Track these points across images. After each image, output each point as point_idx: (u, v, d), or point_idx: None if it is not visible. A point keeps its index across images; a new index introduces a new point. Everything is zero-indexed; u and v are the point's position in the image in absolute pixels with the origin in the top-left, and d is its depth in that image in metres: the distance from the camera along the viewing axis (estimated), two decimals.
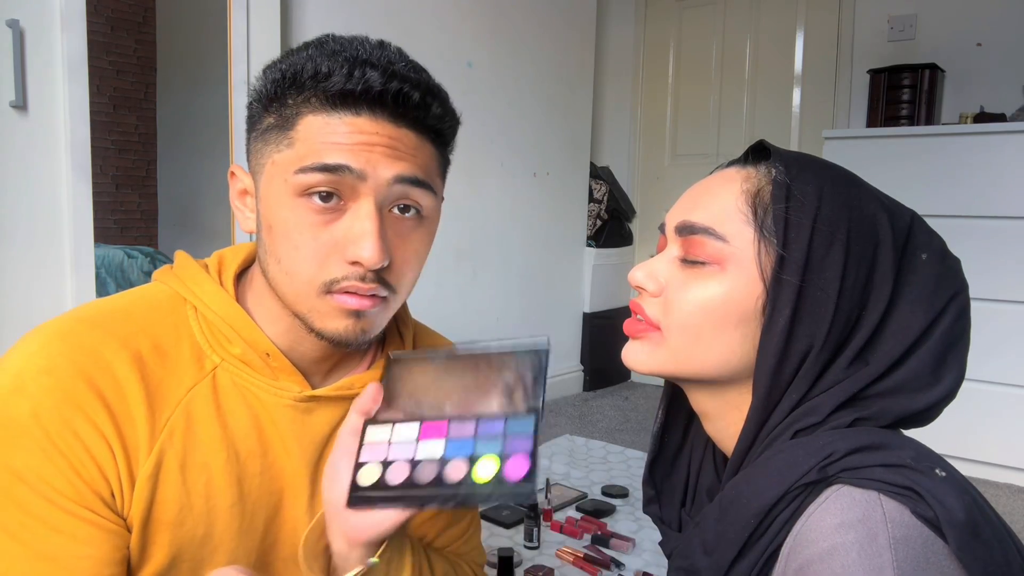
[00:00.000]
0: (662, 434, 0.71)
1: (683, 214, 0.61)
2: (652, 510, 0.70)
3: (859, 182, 0.61)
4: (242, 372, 0.65)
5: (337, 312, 0.61)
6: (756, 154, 0.63)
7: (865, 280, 0.56)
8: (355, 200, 0.60)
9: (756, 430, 0.58)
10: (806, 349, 0.56)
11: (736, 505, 0.55)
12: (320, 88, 0.59)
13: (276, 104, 0.61)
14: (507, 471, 0.53)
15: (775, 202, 0.57)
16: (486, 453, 0.54)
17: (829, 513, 0.49)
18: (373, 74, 0.58)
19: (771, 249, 0.57)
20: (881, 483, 0.49)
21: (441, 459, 0.56)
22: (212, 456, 0.63)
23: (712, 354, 0.59)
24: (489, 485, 0.53)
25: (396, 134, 0.60)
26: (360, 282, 0.60)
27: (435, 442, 0.57)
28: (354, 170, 0.58)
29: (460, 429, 0.57)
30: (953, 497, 0.48)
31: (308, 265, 0.60)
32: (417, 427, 0.58)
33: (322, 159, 0.58)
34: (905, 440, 0.55)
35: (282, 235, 0.61)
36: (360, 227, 0.59)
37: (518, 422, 0.56)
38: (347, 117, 0.59)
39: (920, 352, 0.56)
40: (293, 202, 0.60)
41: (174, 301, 0.66)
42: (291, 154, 0.59)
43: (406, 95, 0.59)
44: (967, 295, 0.60)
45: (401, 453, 0.57)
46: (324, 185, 0.59)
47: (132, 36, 4.65)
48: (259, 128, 0.63)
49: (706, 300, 0.58)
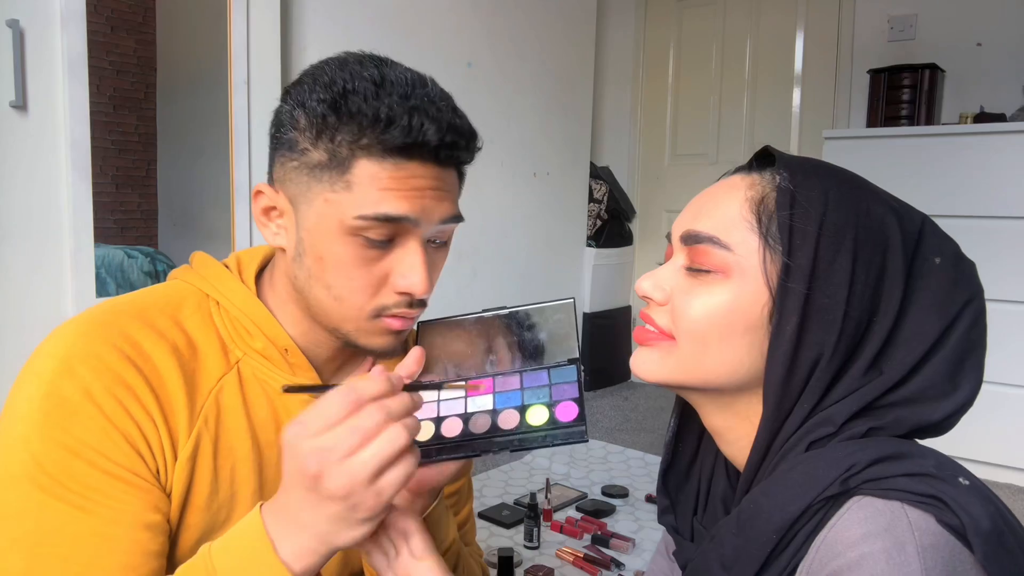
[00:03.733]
0: (675, 443, 0.70)
1: (688, 223, 0.61)
2: (667, 520, 0.69)
3: (868, 186, 0.60)
4: (262, 366, 0.70)
5: (383, 332, 0.68)
6: (761, 161, 0.63)
7: (875, 286, 0.55)
8: (404, 237, 0.65)
9: (769, 441, 0.57)
10: (816, 357, 0.55)
11: (756, 520, 0.54)
12: (379, 139, 0.62)
13: (326, 140, 0.63)
14: (558, 414, 0.56)
15: (779, 209, 0.56)
16: (535, 402, 0.58)
17: (854, 523, 0.49)
18: (431, 129, 0.62)
19: (776, 257, 0.56)
20: (905, 492, 0.48)
21: (492, 411, 0.59)
22: (238, 444, 0.68)
23: (720, 362, 0.58)
24: (543, 428, 0.56)
25: (441, 175, 0.65)
26: (408, 308, 0.67)
27: (483, 397, 0.60)
28: (412, 219, 0.64)
29: (505, 383, 0.61)
30: (978, 506, 0.48)
31: (361, 295, 0.66)
32: (461, 388, 0.62)
33: (383, 210, 0.62)
34: (925, 449, 0.54)
35: (334, 267, 0.65)
36: (410, 263, 0.65)
37: (561, 372, 0.59)
38: (402, 163, 0.63)
39: (936, 359, 0.55)
40: (347, 239, 0.64)
41: (197, 298, 0.70)
42: (349, 197, 0.63)
43: (457, 146, 0.65)
44: (983, 299, 0.58)
45: (452, 409, 0.61)
46: (382, 232, 0.63)
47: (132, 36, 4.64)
48: (304, 160, 0.64)
49: (711, 308, 0.57)
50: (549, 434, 0.56)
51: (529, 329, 0.64)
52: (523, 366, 0.61)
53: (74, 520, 0.59)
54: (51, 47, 1.65)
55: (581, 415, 0.56)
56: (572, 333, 0.61)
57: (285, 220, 0.68)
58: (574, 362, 0.60)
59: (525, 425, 0.57)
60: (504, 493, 2.20)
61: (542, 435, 0.56)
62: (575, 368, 0.59)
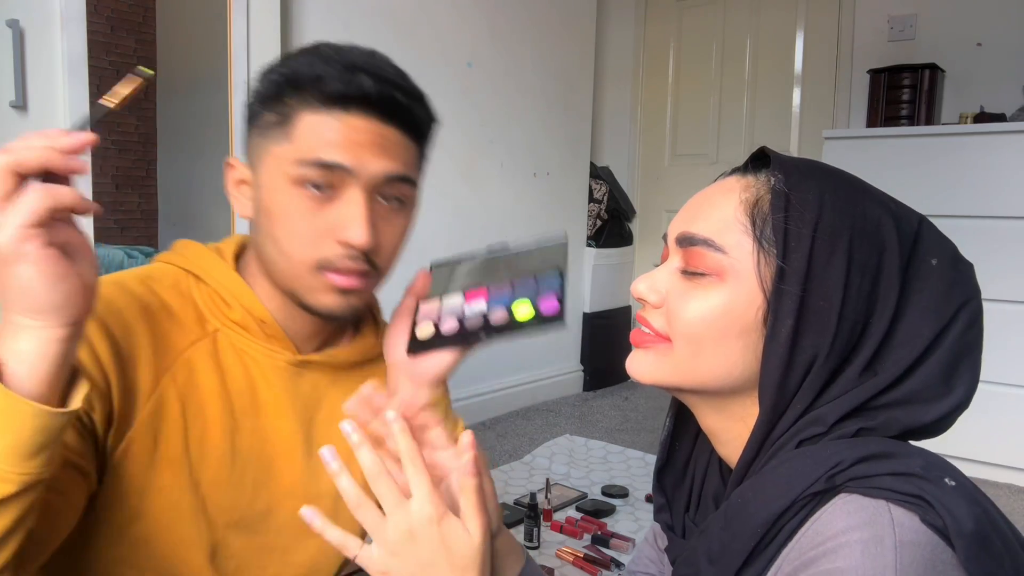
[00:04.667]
0: (671, 442, 0.70)
1: (683, 225, 0.61)
2: (663, 518, 0.70)
3: (864, 187, 0.59)
4: (240, 336, 0.72)
5: (327, 288, 0.69)
6: (757, 162, 0.62)
7: (870, 288, 0.55)
8: (346, 189, 0.67)
9: (761, 440, 0.57)
10: (811, 359, 0.55)
11: (742, 515, 0.54)
12: (317, 89, 0.65)
13: (275, 103, 0.68)
14: (541, 307, 0.63)
15: (774, 212, 0.56)
16: (522, 298, 0.65)
17: (836, 517, 0.49)
18: (366, 80, 0.66)
19: (771, 260, 0.56)
20: (890, 492, 0.48)
21: (485, 311, 0.66)
22: (209, 405, 0.70)
23: (714, 365, 0.58)
24: (528, 321, 0.63)
25: (383, 132, 0.67)
26: (350, 262, 0.68)
27: (478, 301, 0.68)
28: (347, 167, 0.66)
29: (499, 291, 0.68)
30: (963, 507, 0.47)
31: (303, 246, 0.67)
32: (462, 294, 0.69)
33: (319, 155, 0.65)
34: (914, 449, 0.54)
35: (279, 218, 0.67)
36: (350, 213, 0.66)
37: (546, 277, 0.66)
38: (340, 115, 0.66)
39: (930, 361, 0.55)
40: (290, 190, 0.67)
41: (178, 275, 0.73)
42: (290, 148, 0.66)
43: (394, 98, 0.67)
44: (980, 302, 0.58)
45: (450, 312, 0.68)
46: (319, 178, 0.66)
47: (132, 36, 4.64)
48: (259, 125, 0.69)
49: (706, 311, 0.57)
50: (530, 323, 0.63)
51: (526, 260, 0.71)
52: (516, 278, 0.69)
53: None
54: (51, 47, 1.65)
55: (562, 307, 0.63)
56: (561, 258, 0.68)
57: (251, 189, 0.72)
58: (558, 269, 0.66)
59: (512, 321, 0.64)
60: (504, 493, 2.20)
61: (528, 327, 0.63)
62: (558, 273, 0.65)
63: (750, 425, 0.59)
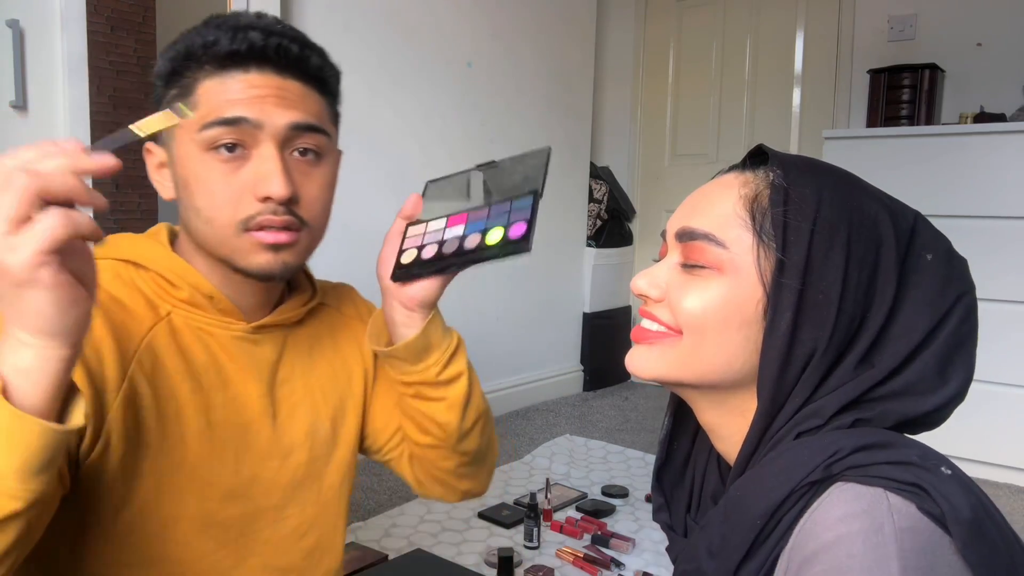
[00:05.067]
0: (670, 441, 0.71)
1: (683, 220, 0.61)
2: (662, 518, 0.70)
3: (861, 184, 0.60)
4: (193, 313, 0.73)
5: (257, 247, 0.70)
6: (755, 159, 0.63)
7: (868, 282, 0.56)
8: (257, 147, 0.68)
9: (761, 434, 0.58)
10: (809, 353, 0.56)
11: (741, 507, 0.55)
12: (210, 54, 0.67)
13: (175, 78, 0.70)
14: (510, 233, 0.66)
15: (773, 206, 0.57)
16: (495, 225, 0.67)
17: (833, 506, 0.49)
18: (254, 34, 0.67)
19: (770, 254, 0.57)
20: (887, 480, 0.49)
21: (461, 236, 0.69)
22: (179, 386, 0.71)
23: (716, 356, 0.58)
24: (497, 245, 0.66)
25: (283, 84, 0.69)
26: (273, 216, 0.69)
27: (457, 227, 0.71)
28: (251, 120, 0.67)
29: (477, 215, 0.70)
30: (960, 495, 0.48)
31: (224, 209, 0.68)
32: (444, 220, 0.73)
33: (221, 114, 0.67)
34: (909, 440, 0.55)
35: (197, 186, 0.69)
36: (265, 167, 0.68)
37: (520, 201, 0.68)
38: (237, 75, 0.67)
39: (926, 354, 0.56)
40: (202, 156, 0.68)
41: (116, 267, 0.72)
42: (196, 116, 0.68)
43: (286, 48, 0.69)
44: (974, 296, 0.59)
45: (432, 238, 0.72)
46: (227, 137, 0.67)
47: (132, 36, 4.64)
48: (164, 102, 0.71)
49: (707, 302, 0.58)
50: (500, 249, 0.66)
51: (509, 174, 0.73)
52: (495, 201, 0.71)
53: None
54: (51, 47, 1.65)
55: (528, 232, 0.65)
56: (540, 173, 0.69)
57: (168, 171, 0.73)
58: (533, 193, 0.67)
59: (483, 244, 0.67)
60: (504, 493, 2.20)
61: (496, 250, 0.66)
62: (532, 197, 0.67)
63: (749, 419, 0.59)
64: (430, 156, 2.67)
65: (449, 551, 1.80)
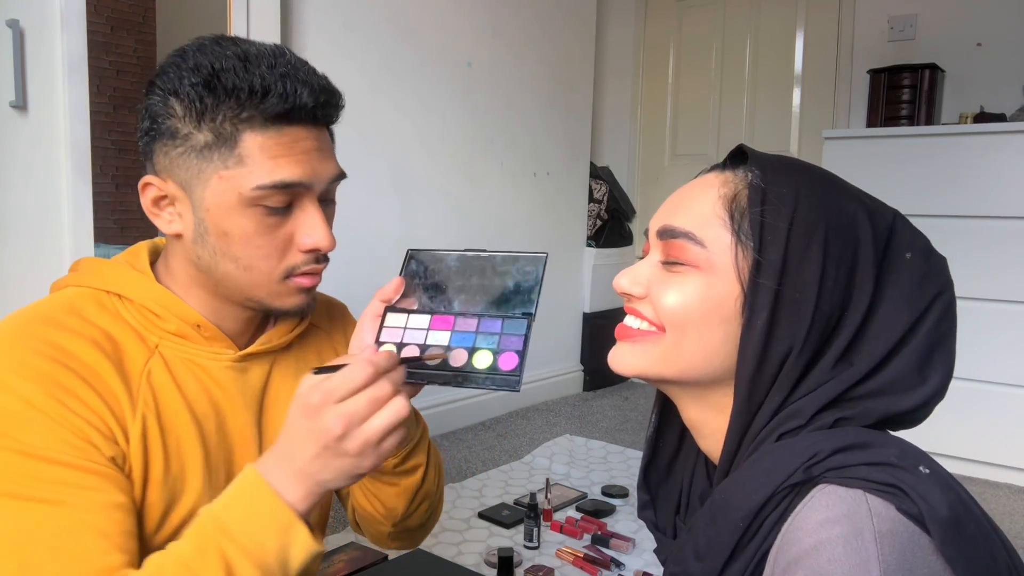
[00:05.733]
0: (656, 439, 0.71)
1: (664, 219, 0.62)
2: (647, 516, 0.70)
3: (839, 183, 0.61)
4: (181, 345, 0.73)
5: (295, 292, 0.73)
6: (736, 159, 0.64)
7: (846, 281, 0.56)
8: (300, 200, 0.70)
9: (741, 434, 0.58)
10: (786, 351, 0.56)
11: (725, 510, 0.55)
12: (260, 109, 0.66)
13: (208, 120, 0.67)
14: (500, 362, 0.63)
15: (751, 206, 0.58)
16: (484, 347, 0.64)
17: (815, 511, 0.50)
18: (304, 90, 0.67)
19: (748, 253, 0.57)
20: (866, 481, 0.50)
21: (447, 347, 0.66)
22: (178, 419, 0.71)
23: (696, 352, 0.59)
24: (485, 372, 0.63)
25: (319, 136, 0.71)
26: (316, 264, 0.73)
27: (442, 332, 0.67)
28: (305, 183, 0.69)
29: (464, 324, 0.67)
30: (937, 493, 0.49)
31: (270, 261, 0.71)
32: (428, 318, 0.69)
33: (279, 177, 0.67)
34: (889, 439, 0.55)
35: (240, 240, 0.69)
36: (312, 222, 0.70)
37: (513, 324, 0.65)
38: (284, 128, 0.68)
39: (905, 352, 0.56)
40: (247, 211, 0.68)
41: (98, 297, 0.72)
42: (243, 171, 0.67)
43: (329, 104, 0.70)
44: (952, 293, 0.60)
45: (413, 338, 0.68)
46: (280, 199, 0.68)
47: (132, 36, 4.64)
48: (191, 144, 0.68)
49: (686, 297, 0.59)
50: (488, 378, 0.63)
51: (501, 275, 0.69)
52: (485, 309, 0.67)
53: (50, 515, 0.60)
54: (51, 47, 1.65)
55: (519, 367, 0.63)
56: (536, 287, 0.67)
57: (179, 207, 0.71)
58: (527, 316, 0.65)
59: (470, 366, 0.64)
60: (504, 493, 2.20)
61: (482, 377, 0.63)
62: (526, 322, 0.65)
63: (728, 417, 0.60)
64: (430, 156, 2.67)
65: (449, 551, 1.80)
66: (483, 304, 0.68)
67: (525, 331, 0.64)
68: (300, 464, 0.60)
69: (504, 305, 0.67)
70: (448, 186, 2.75)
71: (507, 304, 0.67)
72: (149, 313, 0.72)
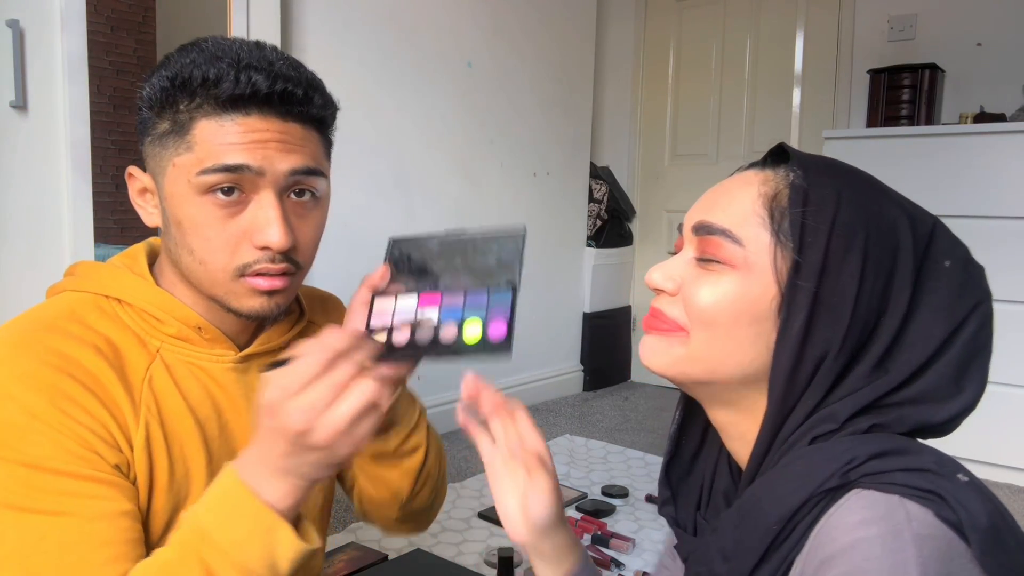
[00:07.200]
0: (679, 435, 0.70)
1: (701, 214, 0.61)
2: (667, 511, 0.69)
3: (881, 187, 0.60)
4: (182, 348, 0.72)
5: (251, 292, 0.69)
6: (776, 157, 0.63)
7: (884, 286, 0.56)
8: (256, 192, 0.67)
9: (772, 436, 0.57)
10: (821, 355, 0.55)
11: (756, 512, 0.54)
12: (211, 95, 0.64)
13: (168, 110, 0.67)
14: (490, 332, 0.63)
15: (792, 206, 0.57)
16: (472, 316, 0.65)
17: (850, 512, 0.49)
18: (258, 77, 0.64)
19: (787, 254, 0.56)
20: (904, 487, 0.49)
21: (436, 323, 0.66)
22: (181, 424, 0.71)
23: (727, 352, 0.58)
24: (476, 345, 0.63)
25: (285, 128, 0.67)
26: (271, 264, 0.68)
27: (431, 309, 0.67)
28: (253, 168, 0.65)
29: (452, 299, 0.67)
30: (977, 502, 0.48)
31: (220, 254, 0.67)
32: (416, 298, 0.69)
33: (222, 160, 0.65)
34: (925, 447, 0.54)
35: (191, 229, 0.67)
36: (265, 215, 0.66)
37: (499, 294, 0.65)
38: (238, 118, 0.65)
39: (942, 362, 0.56)
40: (199, 200, 0.66)
41: (97, 301, 0.71)
42: (191, 157, 0.66)
43: (291, 93, 0.66)
44: (991, 304, 0.59)
45: (403, 318, 0.68)
46: (226, 183, 0.65)
47: (132, 36, 4.64)
48: (154, 133, 0.68)
49: (720, 295, 0.58)
50: (480, 347, 0.63)
51: (483, 253, 0.69)
52: (471, 284, 0.68)
53: (54, 526, 0.59)
54: (51, 47, 1.65)
55: (509, 335, 0.63)
56: (516, 261, 0.67)
57: (154, 198, 0.71)
58: (511, 285, 0.66)
59: (460, 338, 0.64)
60: None
61: (474, 348, 0.63)
62: (511, 292, 0.65)
63: (759, 419, 0.59)
64: (430, 156, 2.67)
65: (449, 551, 1.80)
66: (469, 281, 0.69)
67: (511, 299, 0.65)
68: (274, 463, 0.58)
69: (489, 280, 0.68)
70: (448, 186, 2.75)
71: (491, 279, 0.67)
72: (150, 317, 0.71)
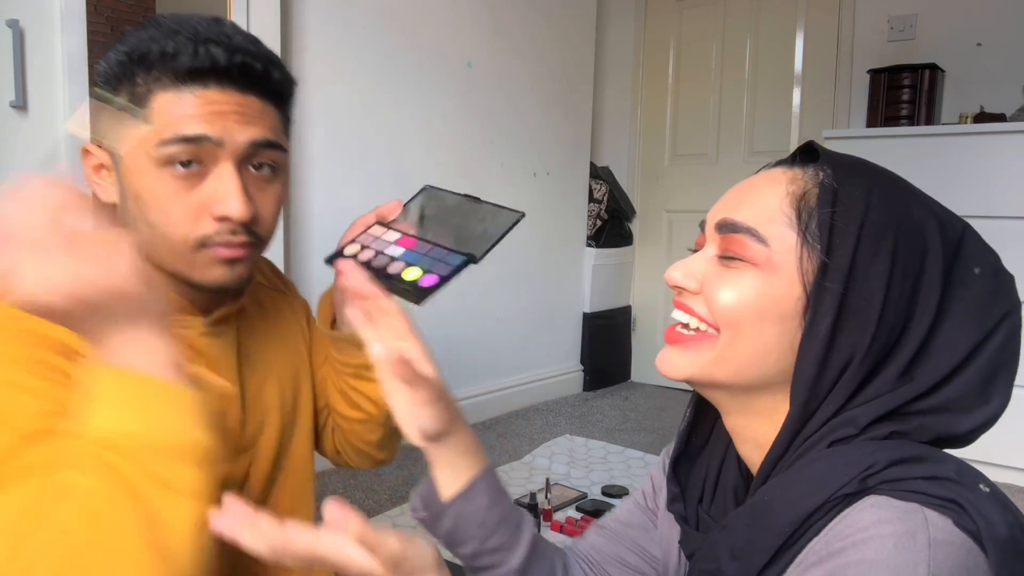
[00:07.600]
0: (689, 432, 0.70)
1: (725, 211, 0.59)
2: (676, 508, 0.68)
3: (911, 189, 0.59)
4: None
5: (213, 263, 0.69)
6: (804, 155, 0.62)
7: (911, 291, 0.54)
8: (215, 164, 0.67)
9: (791, 438, 0.56)
10: (847, 359, 0.54)
11: (769, 513, 0.54)
12: (169, 68, 0.65)
13: (126, 84, 0.67)
14: (422, 280, 0.66)
15: (820, 206, 0.55)
16: (417, 264, 0.68)
17: (866, 512, 0.48)
18: (217, 50, 0.65)
19: (814, 255, 0.55)
20: (923, 495, 0.48)
21: (392, 258, 0.70)
22: None
23: (751, 352, 0.57)
24: (406, 284, 0.66)
25: (243, 101, 0.67)
26: (231, 235, 0.68)
27: (400, 248, 0.71)
28: (212, 138, 0.66)
29: (420, 247, 0.71)
30: (997, 513, 0.47)
31: (180, 226, 0.67)
32: (398, 236, 0.73)
33: (181, 131, 0.65)
34: (945, 455, 0.53)
35: (151, 202, 0.67)
36: (224, 187, 0.67)
37: (454, 257, 0.68)
38: (197, 90, 0.65)
39: (968, 371, 0.54)
40: (157, 172, 0.66)
41: None
42: (150, 130, 0.66)
43: (249, 66, 0.67)
44: (1020, 314, 0.57)
45: (379, 246, 0.72)
46: (185, 155, 0.66)
47: None
48: (112, 107, 0.68)
49: (743, 294, 0.56)
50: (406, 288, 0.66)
51: (479, 220, 0.73)
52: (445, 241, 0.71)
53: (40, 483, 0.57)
54: (51, 47, 1.65)
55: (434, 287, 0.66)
56: (496, 237, 0.70)
57: (112, 174, 0.71)
58: (470, 256, 0.68)
59: (399, 276, 0.67)
60: None
61: (402, 288, 0.66)
62: (465, 260, 0.68)
63: (777, 423, 0.58)
64: (430, 155, 2.67)
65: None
66: (451, 239, 0.71)
67: (458, 264, 0.67)
68: None
69: (464, 244, 0.70)
70: (448, 186, 2.73)
71: (465, 244, 0.70)
72: None
